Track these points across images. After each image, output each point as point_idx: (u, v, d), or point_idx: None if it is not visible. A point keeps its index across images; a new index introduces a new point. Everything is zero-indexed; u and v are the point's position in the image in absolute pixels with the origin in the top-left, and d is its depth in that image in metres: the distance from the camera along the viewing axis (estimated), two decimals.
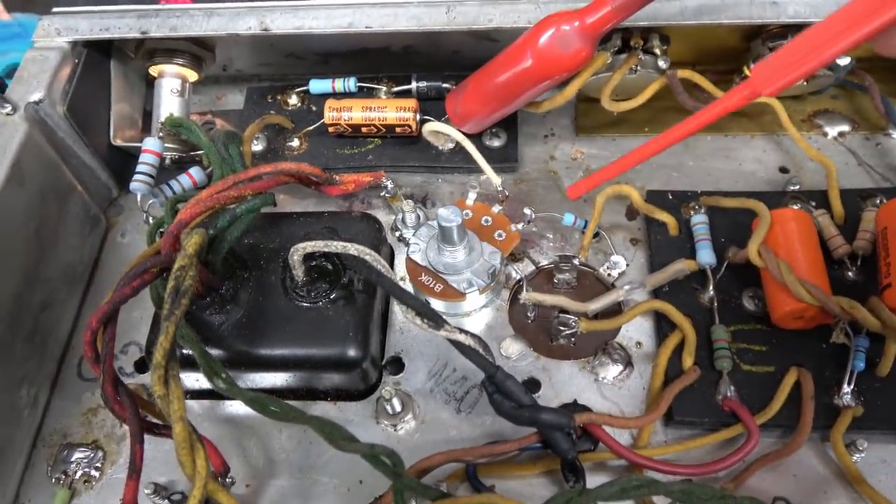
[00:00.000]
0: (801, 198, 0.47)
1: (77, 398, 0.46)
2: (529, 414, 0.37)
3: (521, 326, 0.46)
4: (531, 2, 0.46)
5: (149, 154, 0.48)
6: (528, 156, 0.53)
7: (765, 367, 0.42)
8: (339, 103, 0.51)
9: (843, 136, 0.52)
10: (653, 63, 0.48)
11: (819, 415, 0.40)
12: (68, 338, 0.48)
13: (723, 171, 0.51)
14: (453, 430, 0.42)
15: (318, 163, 0.52)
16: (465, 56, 0.52)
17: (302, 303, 0.42)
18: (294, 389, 0.44)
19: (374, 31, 0.47)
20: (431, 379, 0.44)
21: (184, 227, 0.39)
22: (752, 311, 0.44)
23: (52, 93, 0.46)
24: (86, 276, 0.50)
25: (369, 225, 0.46)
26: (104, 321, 0.37)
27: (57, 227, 0.47)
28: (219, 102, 0.59)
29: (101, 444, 0.44)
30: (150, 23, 0.48)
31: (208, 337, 0.41)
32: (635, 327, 0.45)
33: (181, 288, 0.36)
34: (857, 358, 0.40)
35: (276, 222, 0.46)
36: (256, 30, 0.47)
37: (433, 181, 0.52)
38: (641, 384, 0.43)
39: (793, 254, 0.41)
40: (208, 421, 0.44)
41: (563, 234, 0.49)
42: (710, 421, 0.41)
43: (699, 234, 0.45)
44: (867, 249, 0.44)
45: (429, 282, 0.45)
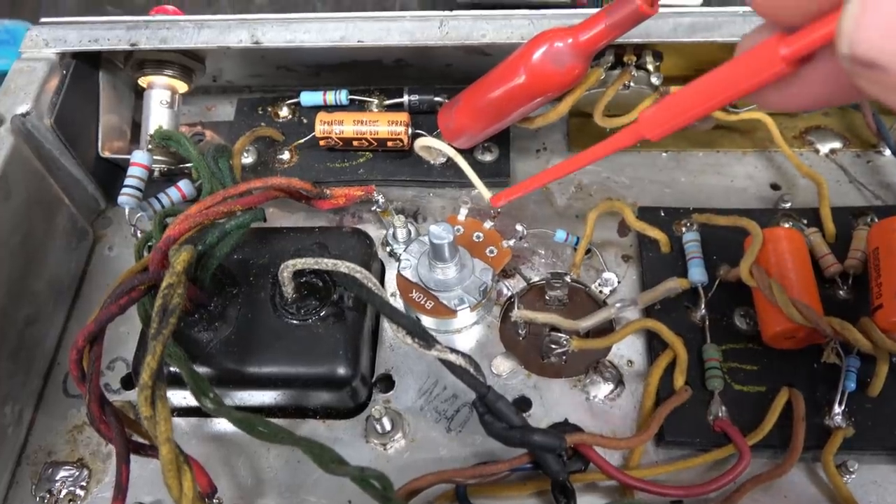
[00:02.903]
0: (793, 215, 0.47)
1: (62, 415, 0.45)
2: (520, 435, 0.37)
3: (512, 343, 0.46)
4: (525, 17, 0.46)
5: (137, 167, 0.48)
6: (520, 170, 0.53)
7: (756, 387, 0.42)
8: (331, 116, 0.51)
9: (834, 152, 0.52)
10: (646, 79, 0.48)
11: (810, 435, 0.40)
12: (54, 353, 0.47)
13: (715, 187, 0.51)
14: (443, 449, 0.42)
15: (308, 176, 0.51)
16: (457, 69, 0.52)
17: (291, 320, 0.42)
18: (283, 407, 0.44)
19: (367, 45, 0.46)
20: (422, 397, 0.44)
21: (172, 244, 0.39)
22: (743, 330, 0.43)
23: (39, 105, 0.46)
24: (72, 290, 0.49)
25: (360, 241, 0.45)
26: (90, 340, 0.37)
27: (43, 240, 0.47)
28: (209, 113, 0.58)
29: (86, 462, 0.43)
30: (139, 34, 0.47)
31: (196, 354, 0.41)
32: (627, 345, 0.45)
33: (169, 307, 0.36)
34: (848, 378, 0.40)
35: (265, 237, 0.45)
36: (247, 43, 0.47)
37: (424, 195, 0.52)
38: (633, 403, 0.43)
39: (785, 273, 0.41)
40: (196, 438, 0.44)
41: (554, 249, 0.49)
42: (701, 441, 0.41)
43: (691, 251, 0.45)
44: (858, 268, 0.44)
45: (419, 298, 0.44)
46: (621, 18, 0.39)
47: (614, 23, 0.39)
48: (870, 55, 0.19)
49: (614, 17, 0.39)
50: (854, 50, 0.19)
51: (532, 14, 0.46)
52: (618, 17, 0.39)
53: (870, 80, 0.20)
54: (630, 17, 0.38)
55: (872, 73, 0.19)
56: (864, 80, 0.20)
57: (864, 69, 0.19)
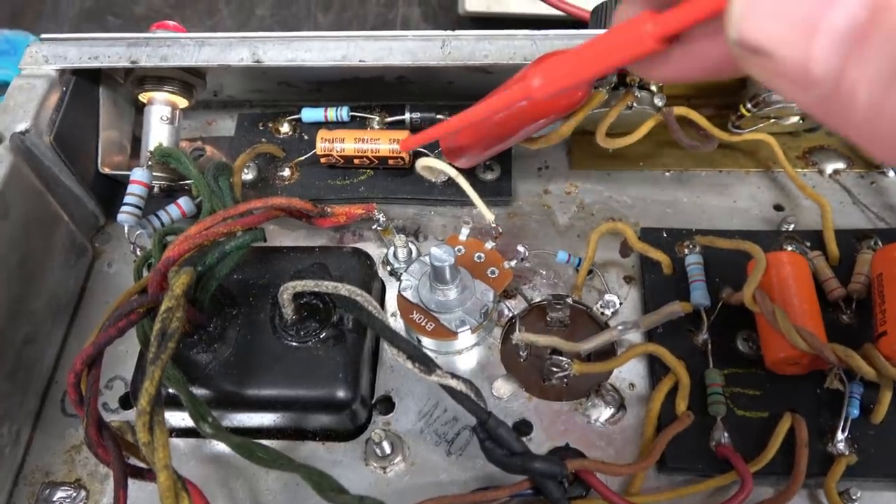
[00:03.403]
0: (796, 238, 0.47)
1: (60, 434, 0.45)
2: (521, 462, 0.37)
3: (512, 366, 0.45)
4: (527, 38, 0.45)
5: (137, 185, 0.48)
6: (521, 189, 0.52)
7: (758, 413, 0.41)
8: (332, 134, 0.50)
9: (837, 173, 0.51)
10: (649, 100, 0.48)
11: (813, 462, 0.39)
12: (52, 372, 0.47)
13: (718, 207, 0.51)
14: (443, 473, 0.42)
15: (309, 193, 0.51)
16: (459, 87, 0.52)
17: (291, 342, 0.41)
18: (282, 429, 0.43)
19: (368, 65, 0.46)
20: (422, 419, 0.43)
21: (171, 265, 0.39)
22: (745, 354, 0.43)
23: (38, 122, 0.46)
24: (71, 308, 0.49)
25: (360, 261, 0.45)
26: (89, 363, 0.37)
27: (42, 258, 0.46)
28: (209, 128, 0.58)
29: (84, 483, 0.43)
30: (140, 52, 0.47)
31: (195, 376, 0.41)
32: (628, 368, 0.44)
33: (168, 331, 0.35)
34: (851, 405, 0.40)
35: (265, 257, 0.45)
36: (248, 61, 0.47)
37: (425, 213, 0.52)
38: (634, 427, 0.43)
39: (788, 298, 0.41)
40: (194, 460, 0.43)
41: (556, 270, 0.48)
42: (703, 467, 0.40)
43: (693, 274, 0.45)
44: (862, 293, 0.43)
45: (420, 320, 0.44)
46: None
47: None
48: (757, 42, 0.19)
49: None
50: (742, 36, 0.20)
51: (535, 35, 0.45)
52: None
53: (757, 66, 0.20)
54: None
55: (759, 59, 0.20)
56: (752, 65, 0.20)
57: (751, 55, 0.20)
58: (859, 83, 0.18)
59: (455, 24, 0.77)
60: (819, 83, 0.19)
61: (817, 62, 0.18)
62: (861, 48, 0.18)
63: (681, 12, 0.23)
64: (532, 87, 0.31)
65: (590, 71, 0.29)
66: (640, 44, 0.25)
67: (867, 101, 0.18)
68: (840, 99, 0.19)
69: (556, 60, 0.30)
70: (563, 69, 0.30)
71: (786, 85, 0.20)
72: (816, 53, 0.18)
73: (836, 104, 0.19)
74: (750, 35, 0.20)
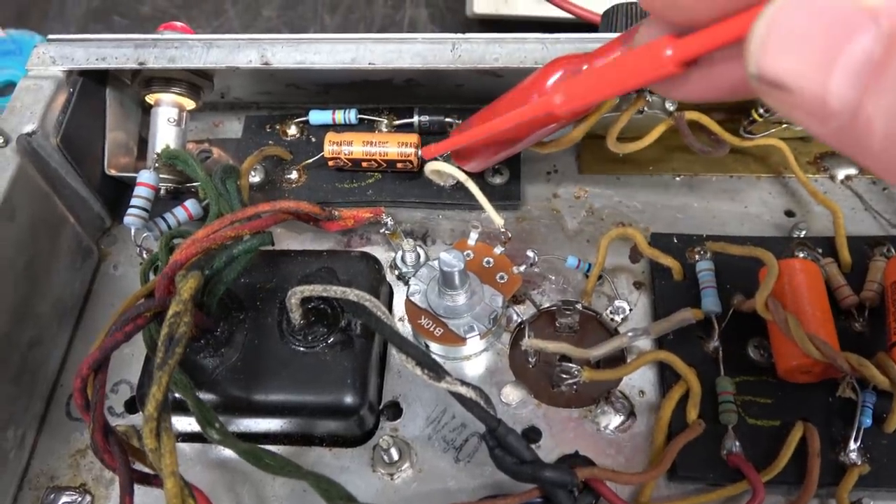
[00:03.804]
0: (808, 244, 0.46)
1: (65, 438, 0.44)
2: (531, 471, 0.36)
3: (521, 372, 0.45)
4: (538, 41, 0.45)
5: (143, 187, 0.47)
6: (530, 193, 0.52)
7: (770, 421, 0.41)
8: (340, 137, 0.50)
9: (849, 179, 0.51)
10: (660, 105, 0.47)
11: (825, 471, 0.39)
12: (57, 375, 0.46)
13: (729, 213, 0.50)
14: (451, 480, 0.41)
15: (316, 196, 0.51)
16: (468, 90, 0.51)
17: (298, 347, 0.41)
18: (289, 434, 0.43)
19: (378, 68, 0.46)
20: (430, 426, 0.43)
21: (179, 269, 0.38)
22: (757, 362, 0.43)
23: (45, 124, 0.45)
24: (77, 310, 0.49)
25: (368, 265, 0.45)
26: (95, 368, 0.36)
27: (48, 260, 0.46)
28: (216, 130, 0.57)
29: (89, 487, 0.43)
30: (147, 53, 0.47)
31: (202, 381, 0.40)
32: (638, 375, 0.44)
33: (175, 336, 0.35)
34: (864, 414, 0.40)
35: (273, 261, 0.45)
36: (257, 63, 0.46)
37: (434, 217, 0.51)
38: (644, 435, 0.42)
39: (801, 306, 0.40)
40: (200, 465, 0.43)
41: (565, 275, 0.48)
42: (714, 476, 0.40)
43: (704, 280, 0.44)
44: (875, 300, 0.43)
45: (428, 325, 0.44)
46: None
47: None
48: (775, 76, 0.20)
49: (630, 45, 0.38)
50: (761, 70, 0.20)
51: (545, 38, 0.45)
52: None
53: (776, 99, 0.21)
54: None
55: (778, 92, 0.20)
56: (770, 98, 0.21)
57: (770, 88, 0.20)
58: (876, 115, 0.19)
59: (463, 26, 0.76)
60: (836, 116, 0.19)
61: (834, 96, 0.19)
62: (877, 81, 0.18)
63: (700, 38, 0.23)
64: (554, 103, 0.32)
65: (610, 90, 0.30)
66: (660, 67, 0.25)
67: (884, 132, 0.19)
68: (857, 131, 0.19)
69: (577, 79, 0.31)
70: (584, 87, 0.31)
71: (804, 117, 0.20)
72: (833, 87, 0.19)
73: (854, 136, 0.19)
74: (768, 69, 0.20)
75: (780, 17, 0.20)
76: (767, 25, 0.20)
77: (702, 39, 0.23)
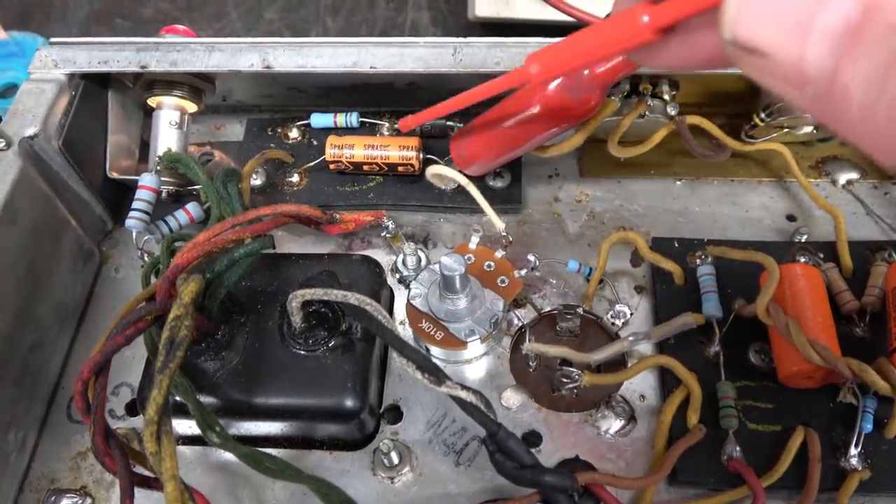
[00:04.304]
0: (809, 249, 0.46)
1: (66, 441, 0.45)
2: (531, 475, 0.36)
3: (522, 375, 0.45)
4: (540, 46, 0.45)
5: (145, 190, 0.47)
6: (531, 196, 0.52)
7: (771, 426, 0.41)
8: (341, 140, 0.50)
9: (851, 183, 0.51)
10: (661, 109, 0.47)
11: (826, 477, 0.39)
12: (58, 378, 0.47)
13: (730, 217, 0.50)
14: (451, 484, 0.41)
15: (318, 199, 0.51)
16: None
17: (299, 350, 0.41)
18: (289, 438, 0.43)
19: (379, 71, 0.46)
20: (430, 429, 0.43)
21: (180, 273, 0.38)
22: (758, 367, 0.43)
23: (47, 127, 0.45)
24: (78, 313, 0.49)
25: (369, 269, 0.45)
26: (96, 371, 0.36)
27: (49, 263, 0.46)
28: (218, 132, 0.58)
29: (89, 490, 0.43)
30: (149, 57, 0.47)
31: (202, 384, 0.40)
32: (639, 380, 0.44)
33: (176, 339, 0.35)
34: (864, 419, 0.40)
35: (274, 264, 0.45)
36: (259, 67, 0.46)
37: (435, 221, 0.51)
38: (645, 439, 0.42)
39: (802, 311, 0.40)
40: (201, 468, 0.43)
41: (566, 279, 0.48)
42: (715, 481, 0.40)
43: (705, 285, 0.44)
44: (876, 306, 0.43)
45: (429, 329, 0.44)
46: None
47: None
48: (751, 41, 0.20)
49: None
50: (736, 35, 0.20)
51: (547, 42, 0.45)
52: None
53: (751, 65, 0.20)
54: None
55: (753, 58, 0.20)
56: (746, 64, 0.21)
57: (745, 54, 0.20)
58: (853, 82, 0.18)
59: (464, 29, 0.76)
60: (813, 82, 0.19)
61: (811, 61, 0.19)
62: (854, 47, 0.18)
63: (676, 4, 0.23)
64: (529, 72, 0.31)
65: (586, 58, 0.29)
66: (637, 34, 0.25)
67: (861, 99, 0.18)
68: (834, 98, 0.19)
69: (553, 48, 0.30)
70: (560, 56, 0.30)
71: (780, 84, 0.20)
72: (810, 53, 0.19)
73: (831, 103, 0.19)
74: (744, 35, 0.20)
75: None
76: None
77: (678, 5, 0.23)
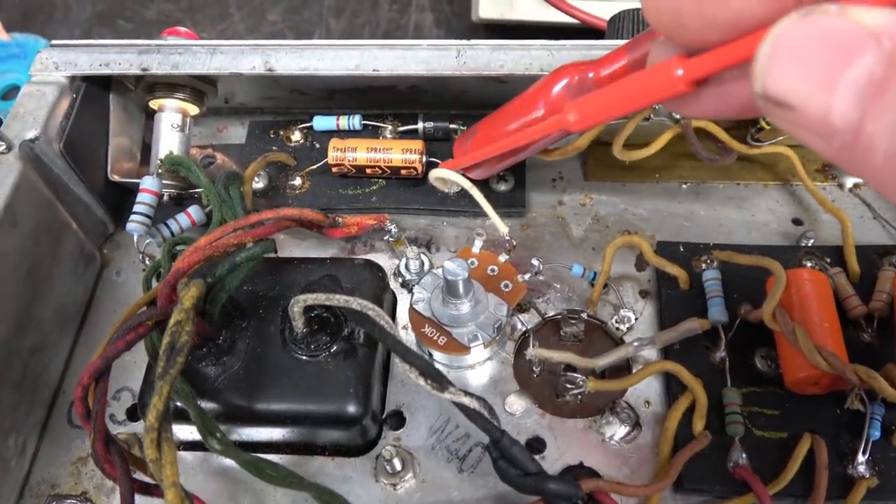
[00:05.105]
0: (816, 254, 0.46)
1: (67, 446, 0.44)
2: (535, 483, 0.36)
3: (526, 381, 0.45)
4: (544, 48, 0.45)
5: (146, 194, 0.47)
6: (535, 200, 0.52)
7: (777, 433, 0.41)
8: (344, 143, 0.50)
9: (858, 187, 0.51)
10: (667, 112, 0.47)
11: (832, 484, 0.38)
12: (59, 382, 0.46)
13: (735, 221, 0.50)
14: (454, 491, 0.41)
15: (320, 203, 0.51)
16: (473, 96, 0.51)
17: (301, 355, 0.41)
18: (291, 443, 0.43)
19: (382, 74, 0.45)
20: (433, 435, 0.43)
21: (181, 277, 0.38)
22: (764, 372, 0.42)
23: (48, 130, 0.45)
24: (79, 317, 0.49)
25: (372, 273, 0.44)
26: (96, 376, 0.36)
27: (50, 267, 0.46)
28: (220, 135, 0.57)
29: (90, 496, 0.42)
30: (151, 59, 0.47)
31: (203, 389, 0.40)
32: (644, 385, 0.43)
33: (177, 345, 0.35)
34: (872, 426, 0.39)
35: (276, 268, 0.44)
36: (261, 69, 0.46)
37: (438, 224, 0.51)
38: (650, 446, 0.42)
39: (809, 317, 0.40)
40: (202, 474, 0.43)
41: (570, 283, 0.47)
42: (721, 489, 0.39)
43: (711, 290, 0.44)
44: (884, 311, 0.43)
45: (432, 334, 0.43)
46: (644, 55, 0.38)
47: (637, 59, 0.38)
48: (780, 95, 0.20)
49: (637, 53, 0.38)
50: (766, 90, 0.21)
51: (551, 45, 0.45)
52: (640, 52, 0.38)
53: (781, 118, 0.21)
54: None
55: (783, 110, 0.21)
56: (776, 116, 0.21)
57: (775, 107, 0.21)
58: (877, 133, 0.19)
59: (468, 31, 0.76)
60: (840, 134, 0.20)
61: (837, 114, 0.20)
62: (878, 100, 0.19)
63: (710, 58, 0.24)
64: (568, 121, 0.32)
65: (623, 109, 0.30)
66: (672, 86, 0.26)
67: (885, 150, 0.19)
68: (860, 148, 0.20)
69: (592, 97, 0.31)
70: (598, 106, 0.31)
71: (808, 135, 0.21)
72: (836, 105, 0.19)
73: (856, 153, 0.20)
74: (773, 89, 0.20)
75: (784, 37, 0.20)
76: (772, 46, 0.20)
77: (711, 59, 0.24)
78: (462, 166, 0.43)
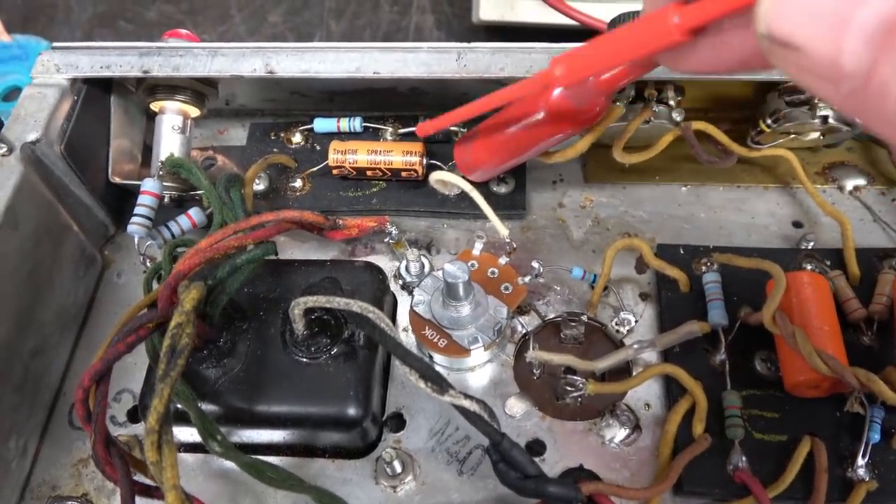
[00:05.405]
0: (816, 257, 0.46)
1: (67, 448, 0.44)
2: (535, 486, 0.36)
3: (526, 383, 0.45)
4: (544, 51, 0.45)
5: (147, 196, 0.47)
6: (535, 202, 0.52)
7: (777, 436, 0.41)
8: (344, 145, 0.50)
9: (858, 189, 0.51)
10: (667, 115, 0.47)
11: (832, 487, 0.39)
12: (59, 384, 0.46)
13: (735, 223, 0.50)
14: (454, 494, 0.41)
15: (321, 204, 0.51)
16: (473, 98, 0.51)
17: (301, 358, 0.41)
18: (291, 445, 0.43)
19: (383, 77, 0.45)
20: (433, 438, 0.43)
21: (182, 279, 0.38)
22: (764, 375, 0.42)
23: (49, 132, 0.45)
24: (80, 319, 0.49)
25: (372, 276, 0.44)
26: (97, 379, 0.36)
27: (51, 269, 0.46)
28: (221, 137, 0.57)
29: (90, 497, 0.42)
30: (152, 61, 0.47)
31: (204, 392, 0.40)
32: (644, 388, 0.44)
33: (178, 347, 0.35)
34: (872, 429, 0.39)
35: (276, 270, 0.44)
36: (261, 72, 0.46)
37: (438, 226, 0.51)
38: (650, 448, 0.42)
39: (808, 320, 0.40)
40: (202, 475, 0.43)
41: (570, 286, 0.48)
42: (720, 492, 0.39)
43: (711, 292, 0.44)
44: (884, 314, 0.43)
45: (433, 336, 0.43)
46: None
47: (637, 62, 0.38)
48: (787, 36, 0.19)
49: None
50: (771, 29, 0.20)
51: (552, 48, 0.45)
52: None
53: (786, 60, 0.20)
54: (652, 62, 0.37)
55: (788, 52, 0.20)
56: (781, 59, 0.20)
57: (780, 48, 0.20)
58: (891, 78, 0.18)
59: (468, 32, 0.76)
60: (849, 78, 0.19)
61: (848, 57, 0.18)
62: (892, 43, 0.18)
63: (709, 4, 0.23)
64: (554, 75, 0.30)
65: (612, 61, 0.28)
66: (667, 35, 0.24)
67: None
68: (871, 94, 0.18)
69: (578, 51, 0.29)
70: (585, 59, 0.29)
71: (815, 80, 0.20)
72: (847, 48, 0.18)
73: (867, 99, 0.19)
74: (779, 29, 0.19)
75: None
76: None
77: (710, 5, 0.23)
78: (443, 126, 0.42)
